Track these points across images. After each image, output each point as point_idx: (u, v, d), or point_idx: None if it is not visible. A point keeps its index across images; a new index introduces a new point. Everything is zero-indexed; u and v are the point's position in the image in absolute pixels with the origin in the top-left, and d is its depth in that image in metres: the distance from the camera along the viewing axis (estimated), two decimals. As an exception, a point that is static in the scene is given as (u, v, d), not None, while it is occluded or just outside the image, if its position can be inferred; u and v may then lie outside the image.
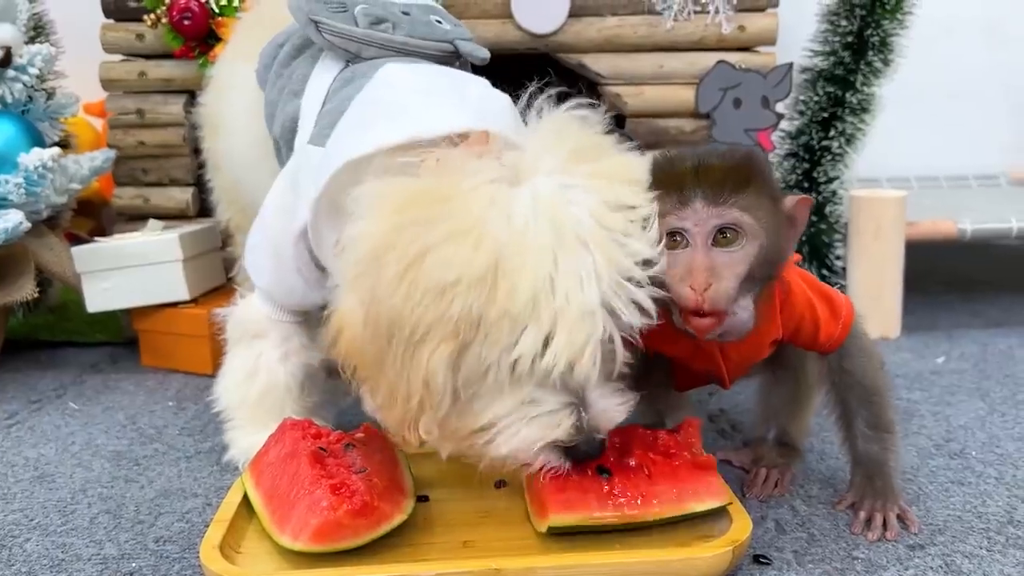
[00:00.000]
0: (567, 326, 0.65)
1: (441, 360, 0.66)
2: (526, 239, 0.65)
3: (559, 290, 0.65)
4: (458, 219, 0.66)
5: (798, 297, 0.80)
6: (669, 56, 1.38)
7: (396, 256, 0.66)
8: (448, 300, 0.64)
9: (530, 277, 0.64)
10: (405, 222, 0.67)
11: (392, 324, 0.66)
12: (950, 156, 1.93)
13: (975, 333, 1.41)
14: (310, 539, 0.71)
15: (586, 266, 0.66)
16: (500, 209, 0.66)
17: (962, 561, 0.75)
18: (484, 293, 0.64)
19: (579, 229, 0.67)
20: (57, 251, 1.33)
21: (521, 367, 0.66)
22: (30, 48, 1.29)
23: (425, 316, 0.65)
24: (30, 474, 0.96)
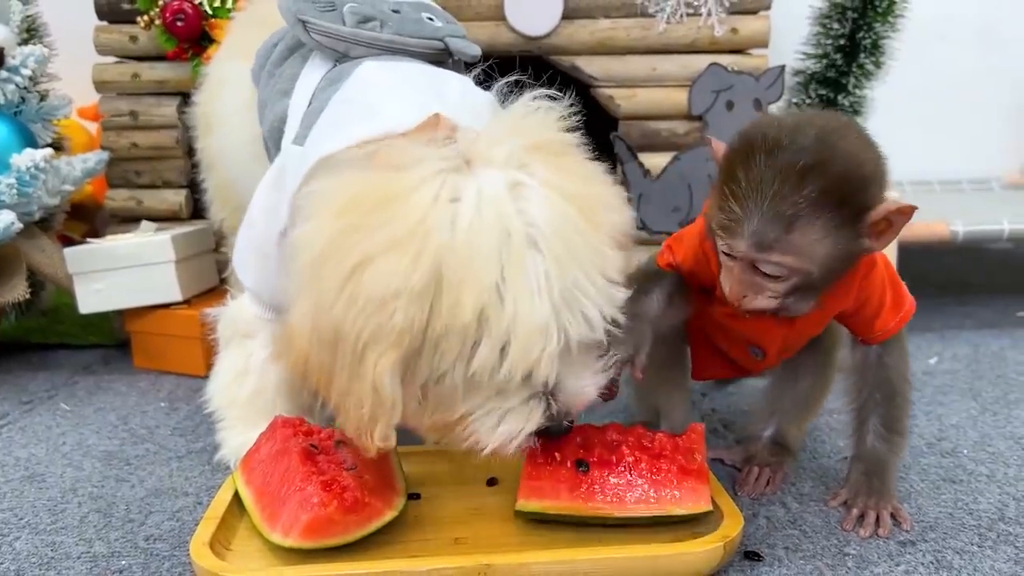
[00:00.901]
0: (520, 340, 0.64)
1: (386, 369, 0.64)
2: (470, 244, 0.63)
3: (508, 302, 0.64)
4: (399, 224, 0.64)
5: (877, 277, 0.79)
6: (662, 59, 1.38)
7: (335, 265, 0.65)
8: (389, 312, 0.63)
9: (475, 290, 0.63)
10: (345, 227, 0.65)
11: (335, 334, 0.65)
12: (943, 160, 1.94)
13: (967, 334, 1.41)
14: (300, 535, 0.71)
15: (536, 273, 0.64)
16: (443, 210, 0.64)
17: (953, 557, 0.75)
18: (427, 307, 0.63)
19: (529, 230, 0.65)
20: (49, 252, 1.33)
21: (479, 376, 0.66)
22: (23, 49, 1.29)
23: (366, 327, 0.64)
24: (20, 474, 0.96)
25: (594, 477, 0.76)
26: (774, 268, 0.70)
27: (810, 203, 0.67)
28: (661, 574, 0.71)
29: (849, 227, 0.69)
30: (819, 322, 0.83)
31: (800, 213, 0.67)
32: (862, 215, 0.69)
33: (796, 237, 0.68)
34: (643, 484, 0.76)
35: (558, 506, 0.75)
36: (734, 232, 0.69)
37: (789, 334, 0.83)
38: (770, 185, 0.67)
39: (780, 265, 0.70)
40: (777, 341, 0.83)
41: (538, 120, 0.72)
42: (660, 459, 0.77)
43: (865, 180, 0.68)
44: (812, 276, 0.71)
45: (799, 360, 0.90)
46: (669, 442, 0.79)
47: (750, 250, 0.69)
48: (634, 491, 0.76)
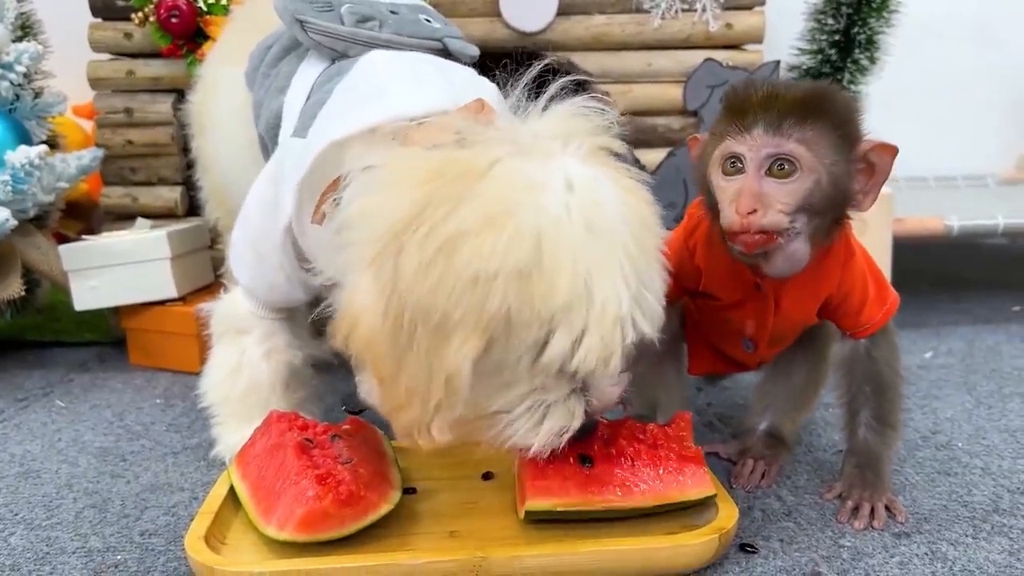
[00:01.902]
0: (600, 332, 0.62)
1: (467, 358, 0.61)
2: (561, 233, 0.61)
3: (595, 295, 0.62)
4: (491, 201, 0.61)
5: (858, 266, 0.80)
6: (657, 54, 1.39)
7: (422, 238, 0.60)
8: (483, 294, 0.60)
9: (568, 278, 0.61)
10: (430, 198, 0.61)
11: (416, 315, 0.61)
12: (938, 157, 1.94)
13: (962, 330, 1.41)
14: (295, 529, 0.71)
15: (618, 269, 0.63)
16: (536, 196, 0.62)
17: (948, 548, 0.75)
18: (521, 290, 0.60)
19: (612, 230, 0.63)
20: (44, 250, 1.33)
21: (547, 366, 0.64)
22: (17, 46, 1.29)
23: (455, 310, 0.60)
24: (15, 470, 0.96)
25: (600, 471, 0.76)
26: (789, 159, 0.70)
27: (818, 106, 0.70)
28: (656, 566, 0.71)
29: (847, 149, 0.71)
30: (804, 309, 0.83)
31: (811, 111, 0.70)
32: (856, 143, 0.72)
33: (808, 131, 0.70)
34: (648, 474, 0.76)
35: (569, 503, 0.74)
36: (749, 127, 0.71)
37: (777, 322, 0.83)
38: (780, 99, 0.71)
39: (795, 157, 0.70)
40: (766, 329, 0.84)
41: (588, 122, 0.70)
42: (658, 448, 0.77)
43: (858, 114, 0.73)
44: (820, 186, 0.71)
45: (792, 355, 0.91)
46: (661, 431, 0.79)
47: (765, 136, 0.70)
48: (641, 481, 0.75)
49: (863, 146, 0.72)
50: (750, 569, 0.73)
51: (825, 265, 0.79)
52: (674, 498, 0.75)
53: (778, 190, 0.70)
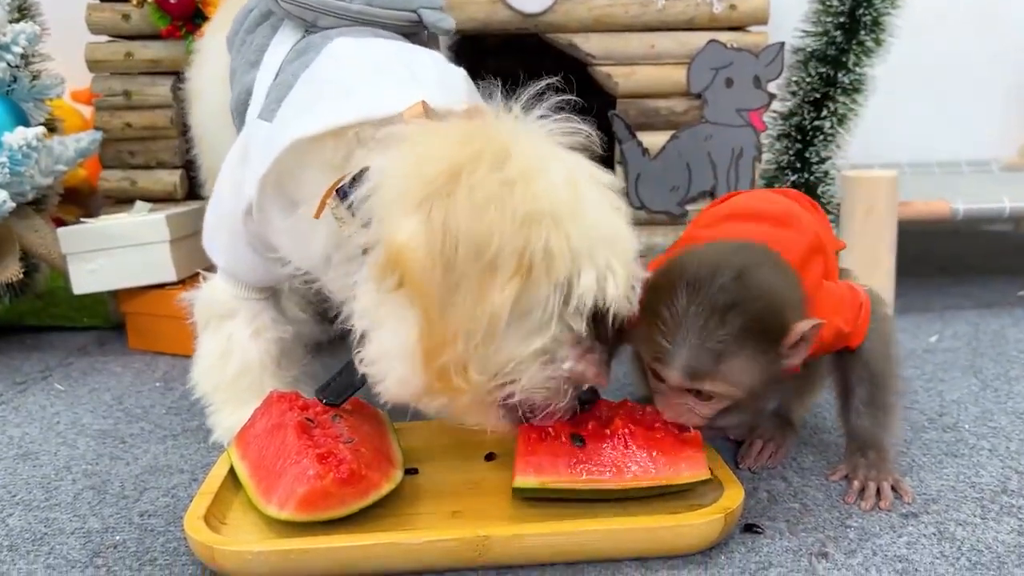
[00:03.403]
0: (623, 265, 0.68)
1: (508, 296, 0.65)
2: (585, 186, 0.69)
3: (618, 235, 0.69)
4: (527, 158, 0.67)
5: (828, 339, 0.79)
6: (660, 36, 1.37)
7: (472, 186, 0.65)
8: (529, 232, 0.65)
9: (596, 221, 0.68)
10: (470, 155, 0.66)
11: (468, 252, 0.64)
12: (942, 142, 1.93)
13: (967, 314, 1.40)
14: (296, 508, 0.70)
15: (626, 220, 0.71)
16: (556, 157, 0.69)
17: (956, 528, 0.74)
18: (560, 230, 0.66)
19: (612, 190, 0.72)
20: (43, 233, 1.32)
21: (577, 305, 0.68)
22: (14, 27, 1.27)
23: (507, 245, 0.64)
24: (13, 452, 0.95)
25: (591, 450, 0.75)
26: (704, 391, 0.74)
27: (734, 338, 0.71)
28: (661, 546, 0.70)
29: (771, 352, 0.73)
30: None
31: (726, 348, 0.71)
32: (780, 340, 0.73)
33: (724, 368, 0.71)
34: (641, 455, 0.75)
35: (557, 481, 0.74)
36: (666, 363, 0.72)
37: None
38: (695, 321, 0.71)
39: (711, 392, 0.73)
40: None
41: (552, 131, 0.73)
42: (654, 430, 0.76)
43: (782, 309, 0.73)
44: (742, 401, 0.75)
45: None
46: (658, 414, 0.78)
47: (683, 380, 0.73)
48: (633, 463, 0.75)
49: (792, 335, 0.72)
50: (756, 549, 0.72)
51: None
52: (666, 481, 0.74)
53: (700, 406, 0.75)
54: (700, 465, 0.75)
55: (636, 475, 0.74)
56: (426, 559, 0.68)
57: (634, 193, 1.37)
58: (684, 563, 0.70)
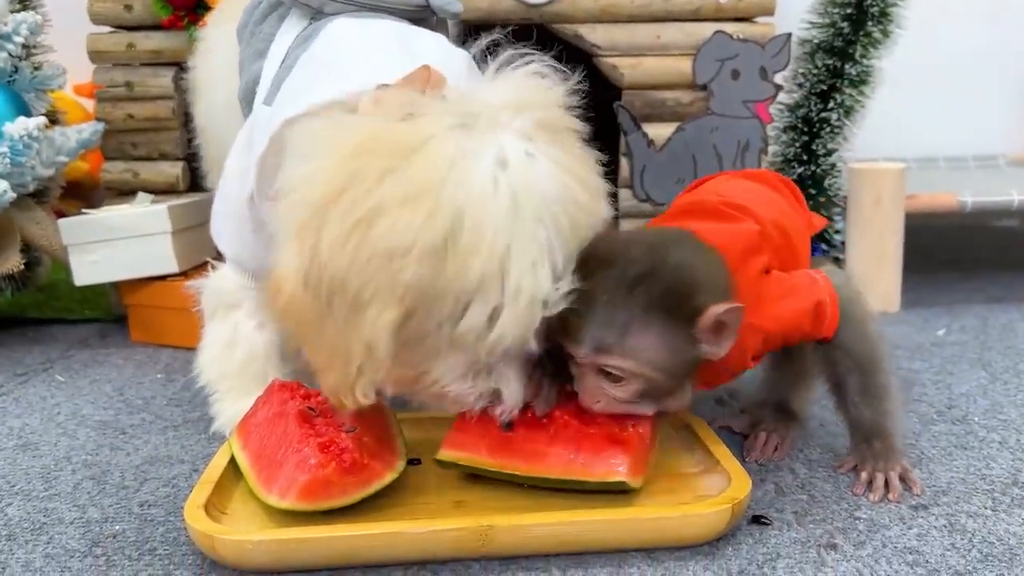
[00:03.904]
0: (514, 311, 0.63)
1: (385, 327, 0.63)
2: (485, 209, 0.62)
3: (512, 274, 0.63)
4: (415, 177, 0.62)
5: (779, 330, 0.77)
6: (666, 26, 1.36)
7: (344, 211, 0.62)
8: (397, 268, 0.61)
9: (484, 256, 0.62)
10: (356, 172, 0.63)
11: (335, 285, 0.63)
12: (948, 137, 1.91)
13: (976, 308, 1.39)
14: (297, 497, 0.69)
15: (539, 248, 0.64)
16: (460, 169, 0.63)
17: (966, 520, 0.73)
18: (435, 266, 0.62)
19: (539, 207, 0.64)
20: (44, 225, 1.31)
21: (465, 339, 0.65)
22: (15, 16, 1.27)
23: (371, 281, 0.62)
24: (13, 442, 0.94)
25: (518, 437, 0.75)
26: (615, 371, 0.71)
27: (642, 312, 0.69)
28: (667, 537, 0.69)
29: (683, 333, 0.70)
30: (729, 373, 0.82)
31: (633, 319, 0.69)
32: (694, 321, 0.70)
33: (632, 341, 0.69)
34: (562, 448, 0.74)
35: (474, 460, 0.74)
36: (575, 338, 0.70)
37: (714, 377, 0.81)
38: (603, 296, 0.69)
39: (620, 369, 0.71)
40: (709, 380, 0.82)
41: (542, 92, 0.70)
42: (590, 425, 0.75)
43: (694, 289, 0.70)
44: (655, 382, 0.72)
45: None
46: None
47: (591, 353, 0.70)
48: (552, 454, 0.74)
49: (706, 317, 0.70)
50: (764, 541, 0.71)
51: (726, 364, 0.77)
52: (576, 476, 0.73)
53: (613, 389, 0.72)
54: (617, 469, 0.72)
55: (550, 467, 0.73)
56: (429, 548, 0.67)
57: (639, 185, 1.36)
58: (691, 554, 0.69)
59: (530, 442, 0.74)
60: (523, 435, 0.74)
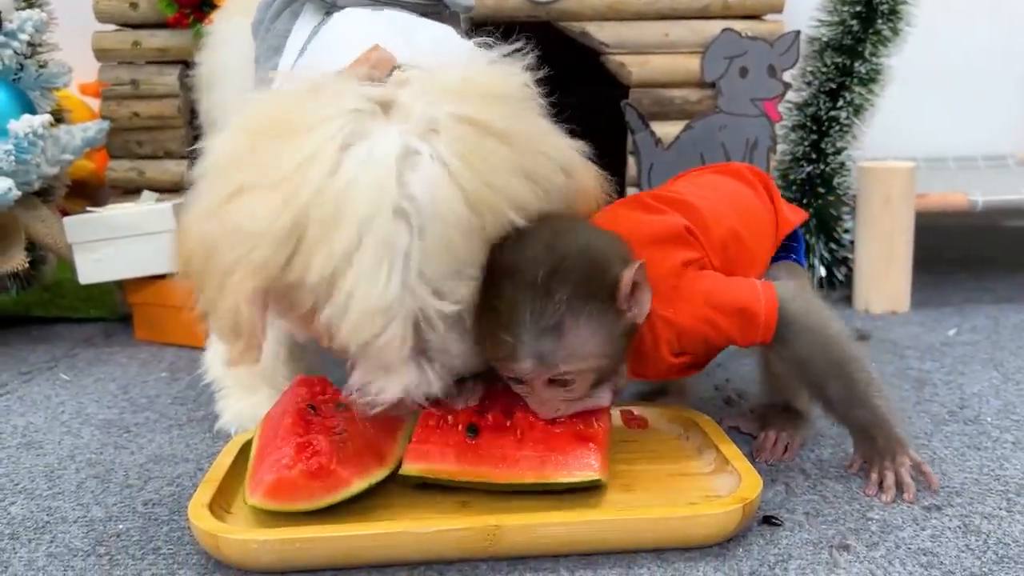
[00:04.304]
0: (354, 318, 0.62)
1: (245, 295, 0.64)
2: (338, 206, 0.61)
3: (352, 278, 0.62)
4: (284, 162, 0.63)
5: (692, 327, 0.76)
6: (674, 24, 1.35)
7: (219, 185, 0.65)
8: (249, 247, 0.63)
9: (326, 254, 0.61)
10: (241, 150, 0.66)
11: (209, 247, 0.65)
12: (957, 137, 1.90)
13: (986, 308, 1.38)
14: (264, 495, 0.69)
15: (397, 251, 0.62)
16: (327, 160, 0.62)
17: (981, 521, 0.72)
18: (283, 255, 0.62)
19: (404, 204, 0.62)
20: (49, 223, 1.30)
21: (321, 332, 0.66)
22: (21, 14, 1.27)
23: (231, 253, 0.64)
24: (17, 441, 0.94)
25: (484, 442, 0.74)
26: (565, 376, 0.71)
27: (568, 306, 0.68)
28: (678, 537, 0.68)
29: (610, 311, 0.70)
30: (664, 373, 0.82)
31: (563, 319, 0.68)
32: (614, 295, 0.70)
33: (570, 342, 0.69)
34: (531, 451, 0.73)
35: (443, 471, 0.73)
36: (514, 359, 0.69)
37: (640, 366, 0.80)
38: (524, 303, 0.68)
39: (569, 372, 0.71)
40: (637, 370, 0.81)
41: (490, 82, 0.68)
42: (557, 424, 0.74)
43: (606, 262, 0.70)
44: (603, 369, 0.72)
45: None
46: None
47: (535, 369, 0.69)
48: (522, 458, 0.72)
49: (624, 286, 0.70)
50: (775, 541, 0.70)
51: (643, 351, 0.77)
52: (551, 478, 0.72)
53: (566, 393, 0.72)
54: (589, 466, 0.71)
55: (523, 470, 0.72)
56: (436, 548, 0.66)
57: (647, 184, 1.35)
58: (701, 555, 0.68)
59: (497, 447, 0.73)
60: (489, 441, 0.74)
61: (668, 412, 0.89)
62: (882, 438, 0.79)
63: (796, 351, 0.77)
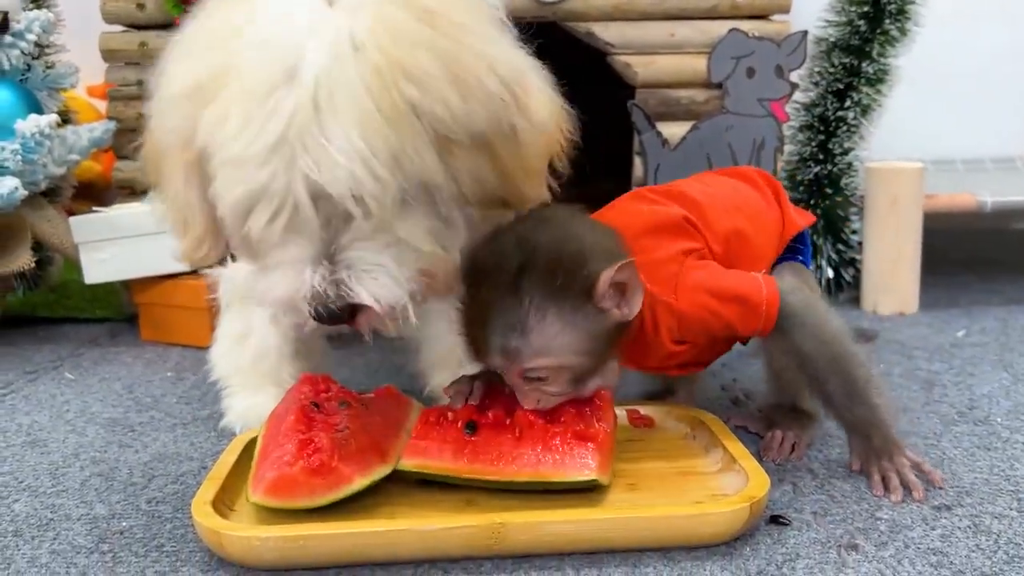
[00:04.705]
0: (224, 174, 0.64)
1: (175, 173, 0.68)
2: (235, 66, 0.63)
3: (230, 131, 0.62)
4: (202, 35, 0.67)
5: (693, 314, 0.76)
6: (680, 24, 1.34)
7: (164, 62, 0.69)
8: (168, 118, 0.66)
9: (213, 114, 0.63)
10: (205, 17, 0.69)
11: (152, 141, 0.69)
12: (966, 138, 1.89)
13: (995, 310, 1.37)
14: (264, 492, 0.68)
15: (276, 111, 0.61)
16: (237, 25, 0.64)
17: (991, 522, 0.71)
18: (188, 119, 0.65)
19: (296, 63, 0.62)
20: (55, 223, 1.31)
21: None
22: (28, 14, 1.27)
23: (162, 135, 0.68)
24: (22, 439, 0.94)
25: (481, 439, 0.73)
26: (534, 372, 0.71)
27: (534, 306, 0.68)
28: (684, 535, 0.67)
29: (584, 308, 0.69)
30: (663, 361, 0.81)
31: (528, 316, 0.68)
32: (589, 293, 0.69)
33: (536, 340, 0.69)
34: (531, 449, 0.72)
35: (439, 467, 0.73)
36: (486, 354, 0.71)
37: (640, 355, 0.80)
38: (493, 301, 0.69)
39: (538, 368, 0.70)
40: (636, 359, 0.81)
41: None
42: (557, 424, 0.73)
43: (578, 258, 0.69)
44: (579, 367, 0.71)
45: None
46: (573, 407, 0.75)
47: (506, 364, 0.71)
48: (519, 456, 0.72)
49: (601, 284, 0.69)
50: (783, 541, 0.69)
51: (643, 339, 0.77)
52: (547, 477, 0.71)
53: (541, 388, 0.72)
54: (587, 466, 0.71)
55: (519, 468, 0.71)
56: (440, 546, 0.66)
57: (653, 184, 1.34)
58: (708, 554, 0.67)
59: (496, 444, 0.73)
60: (487, 438, 0.73)
61: (674, 411, 0.88)
62: (879, 438, 0.78)
63: (796, 343, 0.77)
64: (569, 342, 0.70)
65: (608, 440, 0.74)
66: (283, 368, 0.91)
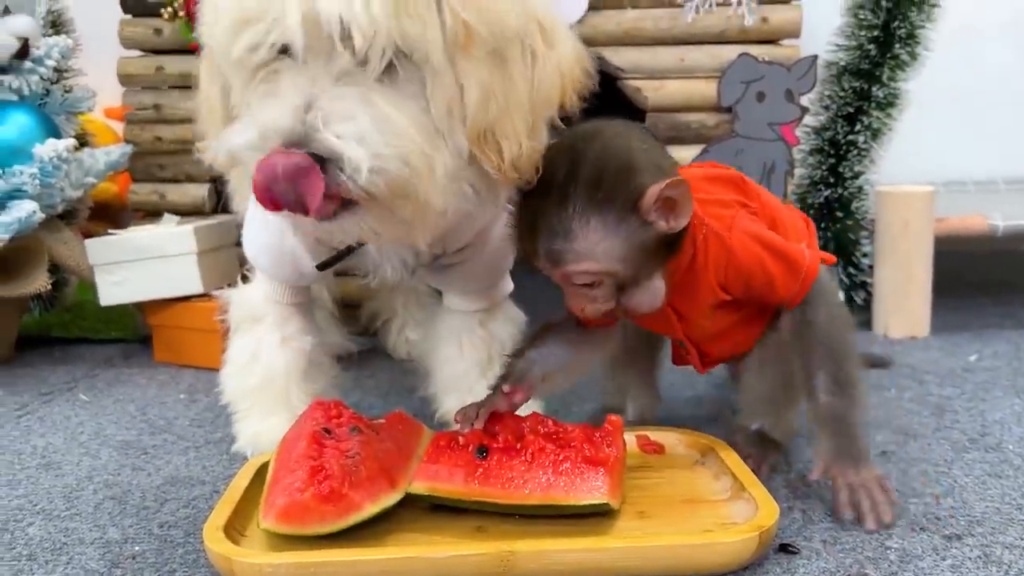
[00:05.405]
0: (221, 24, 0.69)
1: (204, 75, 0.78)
2: None
3: None
4: None
5: (742, 256, 0.78)
6: (690, 49, 1.36)
7: None
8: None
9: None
10: None
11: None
12: (977, 161, 1.89)
13: (1007, 333, 1.36)
14: (276, 519, 0.68)
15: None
16: None
17: (1003, 552, 0.71)
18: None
19: None
20: (72, 245, 1.32)
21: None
22: (47, 40, 1.29)
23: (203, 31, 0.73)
24: (37, 461, 0.94)
25: (492, 463, 0.74)
26: (579, 277, 0.73)
27: (579, 211, 0.71)
28: (693, 565, 0.67)
29: (629, 219, 0.71)
30: (701, 303, 0.81)
31: (572, 222, 0.71)
32: (635, 205, 0.71)
33: (579, 244, 0.71)
34: (542, 473, 0.73)
35: (450, 490, 0.73)
36: (533, 255, 0.74)
37: (691, 329, 0.83)
38: (542, 208, 0.72)
39: (581, 273, 0.72)
40: (679, 334, 0.84)
41: None
42: (567, 448, 0.74)
43: (625, 171, 0.71)
44: (622, 274, 0.73)
45: (758, 357, 0.87)
46: (583, 432, 0.76)
47: (548, 267, 0.73)
48: (530, 480, 0.72)
49: (648, 196, 0.70)
50: (792, 570, 0.69)
51: (693, 271, 0.78)
52: (558, 500, 0.71)
53: (588, 293, 0.74)
54: (598, 489, 0.71)
55: (531, 492, 0.72)
56: (450, 573, 0.66)
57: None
58: (717, 583, 0.67)
59: (506, 469, 0.73)
60: (498, 462, 0.74)
61: (685, 438, 0.88)
62: (846, 441, 0.77)
63: (810, 316, 0.79)
64: (611, 249, 0.71)
65: (618, 465, 0.75)
66: (292, 390, 0.92)
